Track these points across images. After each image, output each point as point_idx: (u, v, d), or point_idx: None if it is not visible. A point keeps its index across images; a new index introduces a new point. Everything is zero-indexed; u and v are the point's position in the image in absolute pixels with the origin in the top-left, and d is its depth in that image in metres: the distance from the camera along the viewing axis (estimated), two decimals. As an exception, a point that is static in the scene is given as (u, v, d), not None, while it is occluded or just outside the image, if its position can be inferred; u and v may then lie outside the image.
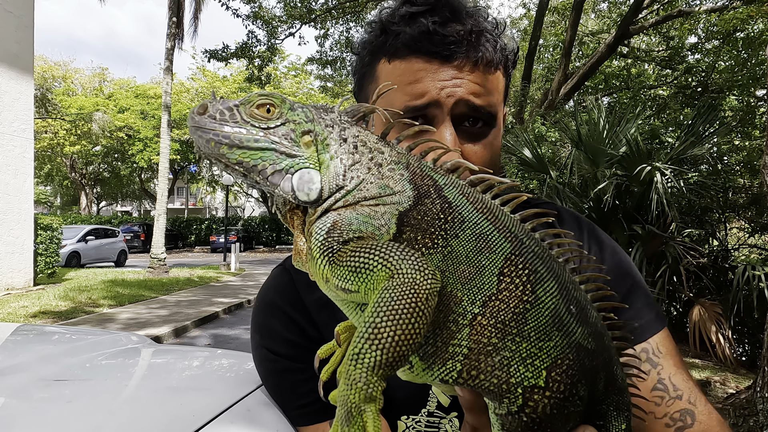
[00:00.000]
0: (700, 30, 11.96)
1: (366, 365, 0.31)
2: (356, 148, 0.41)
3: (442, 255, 0.36)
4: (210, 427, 0.63)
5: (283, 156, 0.40)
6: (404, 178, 0.39)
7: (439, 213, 0.38)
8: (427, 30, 0.61)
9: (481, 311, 0.35)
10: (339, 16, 13.42)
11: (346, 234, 0.37)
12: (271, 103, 0.41)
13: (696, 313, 5.76)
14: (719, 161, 7.94)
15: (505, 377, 0.34)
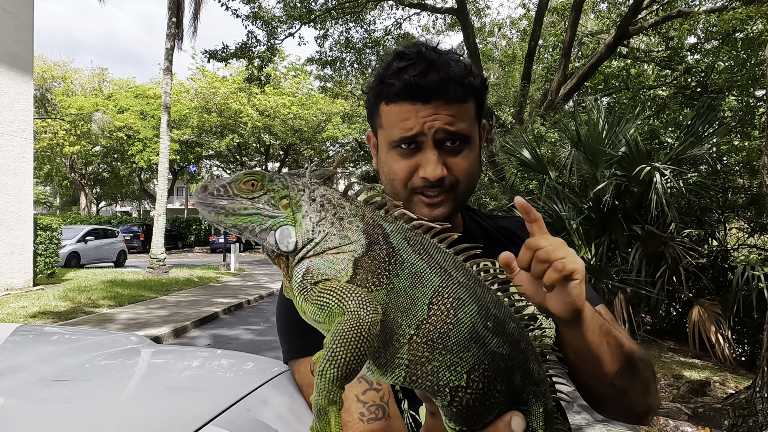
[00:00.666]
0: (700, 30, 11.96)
1: (327, 379, 0.42)
2: (323, 206, 0.52)
3: (386, 291, 0.47)
4: (210, 427, 0.63)
5: (266, 218, 0.51)
6: (359, 229, 0.50)
7: (385, 257, 0.48)
8: (410, 82, 0.84)
9: (416, 332, 0.46)
10: (339, 16, 13.42)
11: (316, 277, 0.48)
12: (254, 179, 0.52)
13: (695, 314, 5.76)
14: (718, 161, 7.95)
15: (436, 380, 0.46)
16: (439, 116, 0.85)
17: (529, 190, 9.06)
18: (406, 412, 0.86)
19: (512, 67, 17.91)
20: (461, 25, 12.22)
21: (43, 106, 28.12)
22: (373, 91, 0.93)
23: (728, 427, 3.69)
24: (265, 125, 25.55)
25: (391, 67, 0.89)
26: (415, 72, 0.85)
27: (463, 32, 12.22)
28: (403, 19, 15.21)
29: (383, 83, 0.89)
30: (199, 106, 26.33)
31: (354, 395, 0.78)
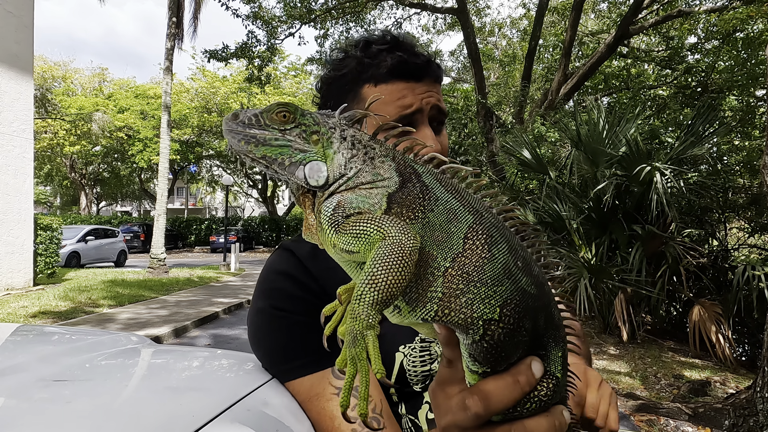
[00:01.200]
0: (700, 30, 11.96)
1: (366, 302, 0.43)
2: (353, 145, 0.52)
3: (421, 225, 0.48)
4: (210, 427, 0.63)
5: (297, 151, 0.51)
6: (391, 167, 0.51)
7: (418, 194, 0.49)
8: (404, 60, 0.87)
9: (451, 265, 0.47)
10: (339, 16, 13.42)
11: (348, 210, 0.48)
12: (287, 110, 0.52)
13: (696, 313, 5.76)
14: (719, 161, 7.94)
15: (470, 313, 0.46)
16: (432, 93, 0.88)
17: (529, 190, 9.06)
18: (405, 417, 0.85)
19: (512, 67, 17.92)
20: (461, 25, 12.22)
21: (44, 106, 28.14)
22: (350, 76, 0.91)
23: (729, 427, 3.69)
24: (265, 125, 25.52)
25: (369, 51, 0.90)
26: (401, 52, 0.87)
27: (463, 32, 12.23)
28: (403, 19, 15.23)
29: (364, 65, 0.89)
30: (199, 106, 26.34)
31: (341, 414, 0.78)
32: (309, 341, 0.81)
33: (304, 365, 0.81)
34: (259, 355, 0.88)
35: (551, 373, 0.51)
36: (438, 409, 0.53)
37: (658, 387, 5.00)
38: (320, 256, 0.90)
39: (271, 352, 0.86)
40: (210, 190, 41.16)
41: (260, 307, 0.86)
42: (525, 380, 0.48)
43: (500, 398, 0.47)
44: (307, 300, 0.85)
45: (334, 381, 0.79)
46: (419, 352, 0.85)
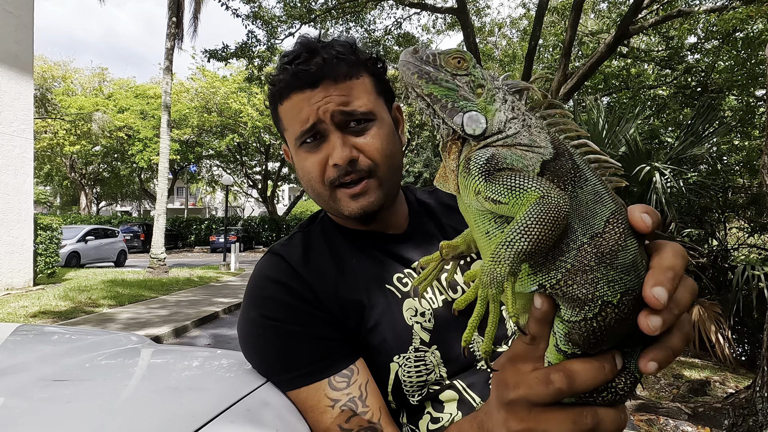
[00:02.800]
0: (700, 30, 11.96)
1: (514, 249, 0.44)
2: (513, 109, 0.54)
3: (570, 197, 0.48)
4: (210, 427, 0.63)
5: (461, 98, 0.53)
6: (547, 139, 0.52)
7: (571, 169, 0.50)
8: (294, 72, 0.82)
9: (588, 242, 0.47)
10: (339, 16, 13.41)
11: (501, 164, 0.49)
12: (462, 57, 0.54)
13: (695, 313, 5.76)
14: (719, 161, 7.94)
15: (592, 290, 0.46)
16: (330, 98, 0.81)
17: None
18: (406, 426, 0.84)
19: (512, 67, 17.91)
20: (461, 25, 12.22)
21: (44, 106, 28.12)
22: (270, 99, 0.90)
23: (728, 426, 3.69)
24: (265, 125, 25.54)
25: (277, 68, 0.88)
26: (298, 60, 0.83)
27: (463, 32, 12.22)
28: (403, 19, 15.21)
29: (274, 85, 0.87)
30: (199, 106, 26.33)
31: (337, 426, 0.75)
32: (303, 352, 0.80)
33: (298, 377, 0.79)
34: (253, 364, 0.86)
35: (630, 371, 0.51)
36: (505, 383, 0.52)
37: (658, 387, 5.00)
38: (312, 261, 0.88)
39: (263, 363, 0.84)
40: (210, 190, 41.13)
41: (251, 317, 0.84)
42: (610, 368, 0.49)
43: (585, 379, 0.48)
44: (299, 309, 0.82)
45: (330, 393, 0.77)
46: (414, 362, 0.83)
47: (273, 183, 32.07)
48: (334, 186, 0.85)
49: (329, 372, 0.79)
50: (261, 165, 32.37)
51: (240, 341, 0.88)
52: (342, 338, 0.82)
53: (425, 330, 0.84)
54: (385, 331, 0.83)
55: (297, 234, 0.96)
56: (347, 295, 0.85)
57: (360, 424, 0.75)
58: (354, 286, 0.86)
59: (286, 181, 34.51)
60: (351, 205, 0.85)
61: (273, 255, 0.90)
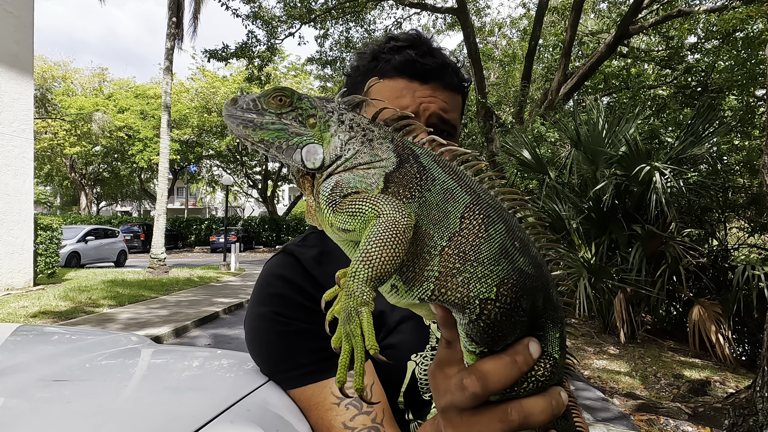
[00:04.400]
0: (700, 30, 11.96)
1: (360, 279, 0.43)
2: (351, 128, 0.53)
3: (418, 204, 0.48)
4: (210, 427, 0.63)
5: (293, 135, 0.52)
6: (389, 149, 0.51)
7: (416, 174, 0.49)
8: (411, 59, 0.82)
9: (448, 244, 0.47)
10: (339, 16, 13.42)
11: (345, 190, 0.49)
12: (283, 94, 0.53)
13: (696, 313, 5.76)
14: (719, 161, 7.94)
15: (467, 292, 0.46)
16: (435, 99, 0.83)
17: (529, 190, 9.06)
18: (413, 422, 0.84)
19: (512, 67, 17.91)
20: (461, 25, 12.22)
21: (44, 106, 28.13)
22: (363, 68, 0.89)
23: (728, 426, 3.69)
24: (265, 125, 25.55)
25: (388, 46, 0.87)
26: (415, 51, 0.84)
27: (463, 32, 12.22)
28: (404, 19, 15.22)
29: (377, 60, 0.86)
30: (199, 106, 26.35)
31: (341, 423, 0.76)
32: (310, 350, 0.80)
33: (305, 375, 0.79)
34: (258, 361, 0.86)
35: (549, 354, 0.51)
36: (437, 390, 0.53)
37: (658, 387, 5.00)
38: (325, 262, 0.88)
39: (270, 360, 0.84)
40: (210, 190, 41.14)
41: (260, 313, 0.84)
42: (522, 360, 0.48)
43: (498, 378, 0.47)
44: (309, 308, 0.82)
45: (336, 391, 0.78)
46: (430, 360, 0.84)
47: (273, 183, 32.08)
48: None
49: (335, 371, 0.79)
50: (261, 165, 32.38)
51: (246, 337, 0.87)
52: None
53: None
54: (404, 331, 0.85)
55: (312, 235, 0.96)
56: None
57: (364, 423, 0.76)
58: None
59: (286, 181, 34.52)
60: None
61: (286, 254, 0.90)
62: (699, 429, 3.81)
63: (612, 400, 4.61)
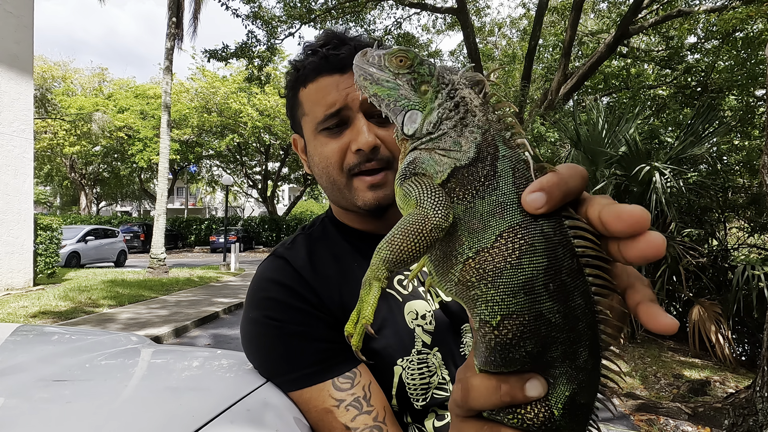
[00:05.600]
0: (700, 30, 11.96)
1: (380, 257, 0.46)
2: (456, 107, 0.50)
3: (464, 207, 0.46)
4: (210, 427, 0.63)
5: (402, 97, 0.52)
6: (474, 141, 0.48)
7: (482, 176, 0.47)
8: (324, 55, 0.83)
9: (473, 256, 0.45)
10: (339, 16, 13.41)
11: (417, 168, 0.49)
12: (405, 56, 0.53)
13: (695, 313, 5.76)
14: (718, 161, 7.94)
15: (473, 307, 0.45)
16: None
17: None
18: (412, 425, 0.84)
19: (512, 67, 17.91)
20: (461, 25, 12.22)
21: (43, 106, 28.13)
22: (290, 84, 0.91)
23: (728, 426, 3.69)
24: (265, 125, 25.56)
25: (304, 53, 0.89)
26: (328, 46, 0.85)
27: (463, 32, 12.23)
28: (403, 19, 15.22)
29: (298, 70, 0.88)
30: (199, 106, 26.34)
31: (343, 425, 0.76)
32: (306, 353, 0.80)
33: (302, 378, 0.79)
34: (255, 365, 0.86)
35: (547, 405, 0.47)
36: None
37: (658, 386, 5.00)
38: (315, 265, 0.88)
39: (267, 364, 0.84)
40: (210, 190, 41.15)
41: (254, 317, 0.84)
42: (506, 390, 0.45)
43: (478, 396, 0.46)
44: (303, 310, 0.82)
45: (334, 393, 0.78)
46: (417, 364, 0.83)
47: (273, 183, 32.07)
48: (352, 174, 0.84)
49: (333, 373, 0.79)
50: (261, 165, 32.38)
51: (242, 343, 0.88)
52: (344, 341, 0.82)
53: (426, 333, 0.85)
54: (388, 335, 0.84)
55: (299, 236, 0.96)
56: (351, 300, 0.85)
57: (366, 423, 0.76)
58: (355, 291, 0.87)
59: (286, 181, 34.53)
60: (367, 195, 0.84)
61: (276, 258, 0.90)
62: (699, 429, 3.81)
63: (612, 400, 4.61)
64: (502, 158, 0.48)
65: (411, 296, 0.88)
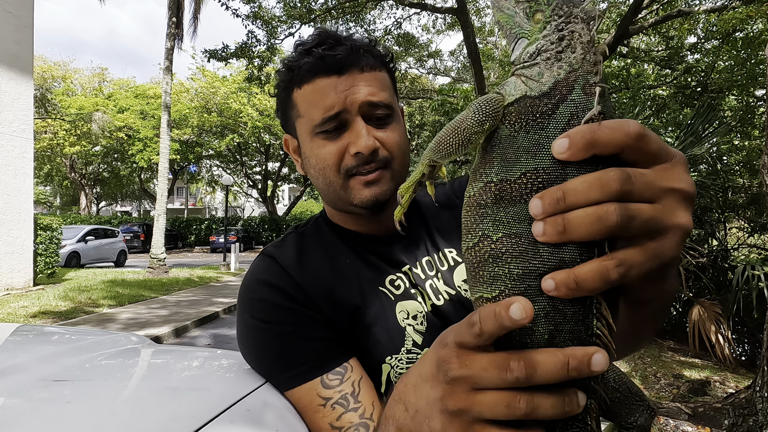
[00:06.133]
0: (700, 30, 11.96)
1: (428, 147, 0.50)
2: (560, 40, 0.49)
3: (509, 134, 0.46)
4: (210, 427, 0.63)
5: (516, 24, 0.52)
6: (557, 77, 0.47)
7: (539, 113, 0.46)
8: (320, 55, 0.81)
9: (495, 182, 0.46)
10: (339, 16, 13.41)
11: (499, 88, 0.49)
12: None
13: (695, 313, 5.76)
14: (718, 161, 7.94)
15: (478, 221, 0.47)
16: (358, 87, 0.81)
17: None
18: None
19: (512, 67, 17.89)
20: (461, 25, 12.22)
21: (43, 106, 28.13)
22: (283, 84, 0.89)
23: (728, 426, 3.69)
24: (265, 125, 25.56)
25: (297, 52, 0.87)
26: (324, 46, 0.83)
27: (463, 32, 12.22)
28: (403, 19, 15.21)
29: (292, 70, 0.86)
30: (199, 106, 26.34)
31: (328, 424, 0.75)
32: (295, 352, 0.80)
33: (292, 377, 0.79)
34: (251, 366, 0.87)
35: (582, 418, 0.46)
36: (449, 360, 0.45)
37: (658, 387, 5.00)
38: (303, 262, 0.88)
39: (260, 366, 0.85)
40: (210, 190, 41.14)
41: (245, 320, 0.85)
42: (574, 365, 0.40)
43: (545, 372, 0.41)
44: (292, 309, 0.82)
45: (322, 391, 0.77)
46: (406, 363, 0.82)
47: (273, 183, 32.07)
48: (349, 175, 0.84)
49: (322, 370, 0.79)
50: (261, 165, 32.38)
51: (238, 345, 0.88)
52: (335, 338, 0.83)
53: (418, 332, 0.85)
54: (378, 332, 0.84)
55: (290, 235, 0.96)
56: (340, 296, 0.85)
57: (351, 421, 0.75)
58: (347, 288, 0.86)
59: (286, 181, 34.53)
60: (364, 192, 0.84)
61: (265, 257, 0.90)
62: (699, 429, 3.81)
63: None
64: (569, 102, 0.46)
65: (403, 296, 0.87)
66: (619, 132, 0.41)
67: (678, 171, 0.42)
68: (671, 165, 0.42)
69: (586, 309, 0.44)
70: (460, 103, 14.41)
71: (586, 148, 0.41)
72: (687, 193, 0.41)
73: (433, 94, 19.86)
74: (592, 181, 0.40)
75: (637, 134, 0.41)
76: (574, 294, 0.41)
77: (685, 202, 0.41)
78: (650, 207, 0.40)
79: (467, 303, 0.88)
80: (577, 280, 0.40)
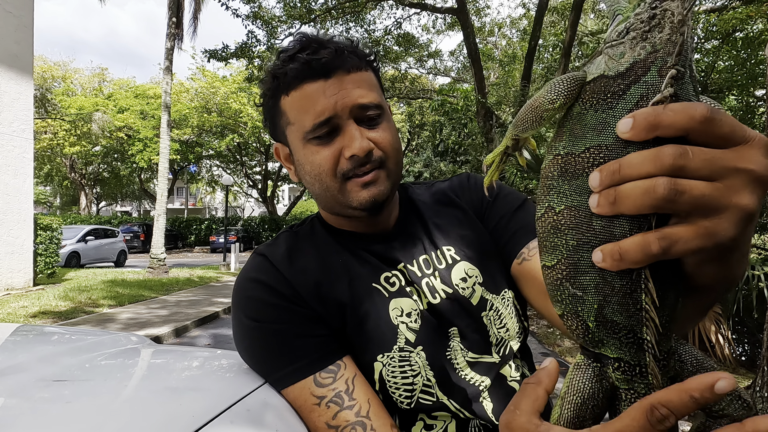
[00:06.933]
0: (700, 30, 11.96)
1: (513, 123, 0.50)
2: (651, 19, 0.47)
3: (579, 111, 0.47)
4: (210, 427, 0.63)
5: (616, 1, 0.51)
6: (636, 58, 0.46)
7: (610, 92, 0.46)
8: (305, 60, 0.80)
9: (562, 156, 0.47)
10: (339, 16, 13.42)
11: (585, 66, 0.49)
12: None
13: (695, 313, 5.76)
14: (719, 161, 7.94)
15: (546, 193, 0.49)
16: (346, 90, 0.80)
17: (529, 190, 9.07)
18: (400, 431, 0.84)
19: (512, 67, 17.92)
20: (461, 25, 12.23)
21: (43, 106, 28.13)
22: (269, 92, 0.88)
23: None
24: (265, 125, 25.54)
25: (280, 59, 0.85)
26: (307, 51, 0.81)
27: (463, 32, 12.23)
28: (403, 19, 15.22)
29: (277, 78, 0.84)
30: (199, 106, 26.34)
31: (324, 423, 0.75)
32: (287, 350, 0.80)
33: (285, 376, 0.79)
34: (248, 365, 0.87)
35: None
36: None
37: (658, 387, 5.00)
38: (294, 260, 0.88)
39: (255, 366, 0.85)
40: (210, 190, 41.15)
41: (238, 319, 0.85)
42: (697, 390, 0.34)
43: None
44: (281, 307, 0.82)
45: (316, 390, 0.77)
46: (398, 362, 0.82)
47: (273, 183, 32.08)
48: (346, 178, 0.83)
49: (314, 368, 0.78)
50: (261, 165, 32.38)
51: (234, 344, 0.88)
52: (327, 334, 0.82)
53: (411, 330, 0.84)
54: (369, 329, 0.83)
55: (283, 234, 0.96)
56: (331, 293, 0.85)
57: (347, 420, 0.74)
58: (339, 284, 0.86)
59: (286, 181, 34.52)
60: (362, 194, 0.83)
61: (257, 255, 0.90)
62: (699, 429, 3.80)
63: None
64: (641, 83, 0.46)
65: (398, 294, 0.87)
66: (683, 114, 0.40)
67: (753, 152, 0.40)
68: (747, 146, 0.40)
69: (633, 283, 0.45)
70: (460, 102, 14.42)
71: (648, 129, 0.41)
72: (757, 175, 0.39)
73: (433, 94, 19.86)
74: (647, 155, 0.40)
75: (703, 117, 0.39)
76: (619, 265, 0.42)
77: (753, 184, 0.39)
78: (705, 184, 0.38)
79: (464, 301, 0.88)
80: (621, 252, 0.41)
